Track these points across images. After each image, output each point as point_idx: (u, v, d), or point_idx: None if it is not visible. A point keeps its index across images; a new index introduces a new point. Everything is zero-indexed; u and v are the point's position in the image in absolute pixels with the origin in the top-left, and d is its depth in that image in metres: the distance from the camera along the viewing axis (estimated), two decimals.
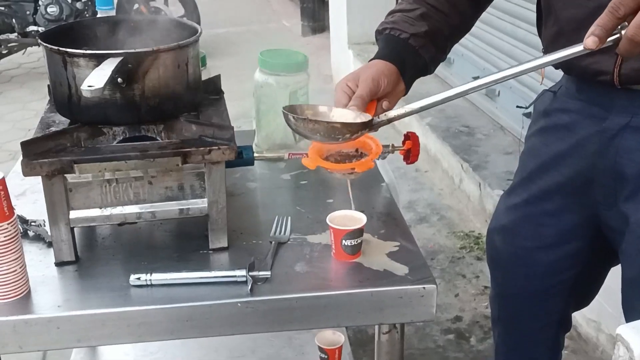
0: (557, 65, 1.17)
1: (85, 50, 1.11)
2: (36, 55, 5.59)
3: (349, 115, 1.10)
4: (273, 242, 1.18)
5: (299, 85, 1.52)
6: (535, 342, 1.48)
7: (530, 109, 1.42)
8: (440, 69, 4.36)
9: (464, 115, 3.46)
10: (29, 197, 1.36)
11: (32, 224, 1.22)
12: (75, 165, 1.05)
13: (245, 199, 1.38)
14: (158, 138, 1.24)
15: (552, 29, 1.18)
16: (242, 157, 1.29)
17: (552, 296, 1.40)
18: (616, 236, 1.23)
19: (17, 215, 1.05)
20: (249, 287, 1.05)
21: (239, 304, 1.04)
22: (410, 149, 1.34)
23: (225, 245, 1.17)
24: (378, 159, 1.42)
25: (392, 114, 1.12)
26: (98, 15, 1.49)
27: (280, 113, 1.50)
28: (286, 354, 1.77)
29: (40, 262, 1.14)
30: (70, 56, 1.09)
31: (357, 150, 1.22)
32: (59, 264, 1.13)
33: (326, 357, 1.62)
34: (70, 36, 1.24)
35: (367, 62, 1.25)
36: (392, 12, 1.27)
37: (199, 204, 1.15)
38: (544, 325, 1.45)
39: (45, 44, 1.12)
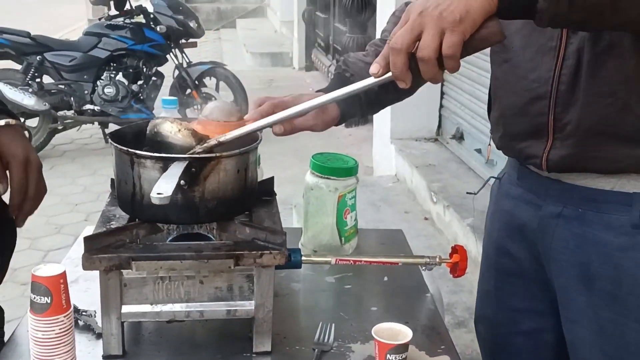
0: (499, 147, 1.28)
1: (151, 152, 1.17)
2: (89, 132, 5.83)
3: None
4: (316, 350, 1.19)
5: (348, 189, 1.56)
6: None
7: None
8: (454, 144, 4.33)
9: None
10: (81, 285, 1.40)
11: (84, 313, 1.25)
12: (132, 262, 1.09)
13: (289, 300, 1.40)
14: (210, 236, 1.28)
15: (496, 113, 1.27)
16: (290, 260, 1.31)
17: None
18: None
19: None
20: None
21: None
22: (458, 263, 1.35)
23: (269, 349, 1.18)
24: (424, 269, 1.43)
25: (221, 138, 1.15)
26: (162, 113, 1.57)
27: (329, 214, 1.55)
28: None
29: (88, 354, 1.16)
30: (138, 157, 1.15)
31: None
32: (107, 357, 1.15)
33: None
34: (137, 135, 1.31)
35: None
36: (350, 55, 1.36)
37: (246, 306, 1.17)
38: None
39: (115, 144, 1.18)
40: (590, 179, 1.13)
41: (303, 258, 1.35)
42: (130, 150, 1.15)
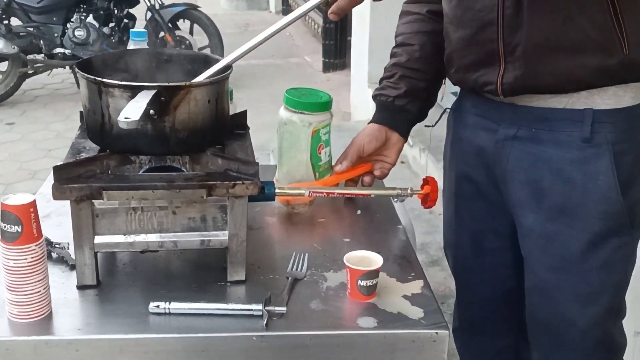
0: (455, 81, 1.34)
1: (120, 80, 1.15)
2: (60, 76, 5.71)
3: None
4: (289, 278, 1.20)
5: (322, 124, 1.55)
6: (498, 349, 1.52)
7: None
8: None
9: None
10: (54, 220, 1.39)
11: (57, 246, 1.25)
12: (103, 191, 1.08)
13: (263, 233, 1.41)
14: (183, 169, 1.27)
15: (448, 49, 1.32)
16: (264, 193, 1.32)
17: (508, 303, 1.46)
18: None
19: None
20: (265, 322, 1.07)
21: (254, 338, 1.06)
22: (429, 194, 1.36)
23: (243, 278, 1.19)
24: (396, 201, 1.45)
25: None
26: (131, 46, 1.54)
27: (303, 150, 1.55)
28: None
29: (62, 285, 1.16)
30: (105, 86, 1.13)
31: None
32: (81, 287, 1.15)
33: None
34: (104, 65, 1.29)
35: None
36: (380, 80, 1.48)
37: (220, 236, 1.17)
38: (504, 331, 1.50)
39: (82, 73, 1.16)
40: (543, 100, 1.18)
41: (277, 190, 1.36)
42: (97, 79, 1.13)
